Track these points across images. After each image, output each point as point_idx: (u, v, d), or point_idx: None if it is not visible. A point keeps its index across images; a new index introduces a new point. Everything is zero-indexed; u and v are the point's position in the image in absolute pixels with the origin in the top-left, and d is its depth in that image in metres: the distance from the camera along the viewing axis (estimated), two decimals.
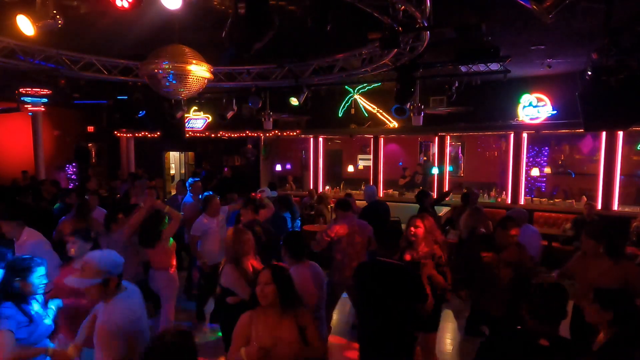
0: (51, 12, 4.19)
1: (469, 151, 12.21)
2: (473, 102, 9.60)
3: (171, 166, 16.06)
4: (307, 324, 2.66)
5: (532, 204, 9.62)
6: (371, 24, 5.34)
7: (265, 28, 3.67)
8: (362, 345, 3.45)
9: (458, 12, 5.67)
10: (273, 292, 2.59)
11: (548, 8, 3.48)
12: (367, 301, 3.41)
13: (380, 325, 3.29)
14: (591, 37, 6.22)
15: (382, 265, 3.33)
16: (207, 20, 5.89)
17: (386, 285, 3.25)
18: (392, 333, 3.26)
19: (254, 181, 12.72)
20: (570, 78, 8.35)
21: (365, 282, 3.39)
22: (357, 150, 13.42)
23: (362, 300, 3.50)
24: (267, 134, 12.31)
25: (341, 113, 12.32)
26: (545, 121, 9.64)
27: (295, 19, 5.40)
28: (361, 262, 3.92)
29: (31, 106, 10.48)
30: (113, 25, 6.08)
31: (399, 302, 3.24)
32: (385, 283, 3.26)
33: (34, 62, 7.26)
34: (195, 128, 13.61)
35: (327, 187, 12.21)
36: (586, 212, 7.88)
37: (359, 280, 3.48)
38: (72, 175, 14.68)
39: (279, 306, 2.62)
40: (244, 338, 2.61)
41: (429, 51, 6.58)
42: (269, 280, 2.61)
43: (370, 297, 3.35)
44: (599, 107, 4.84)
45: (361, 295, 3.50)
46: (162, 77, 5.02)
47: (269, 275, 2.63)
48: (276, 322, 2.62)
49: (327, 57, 8.04)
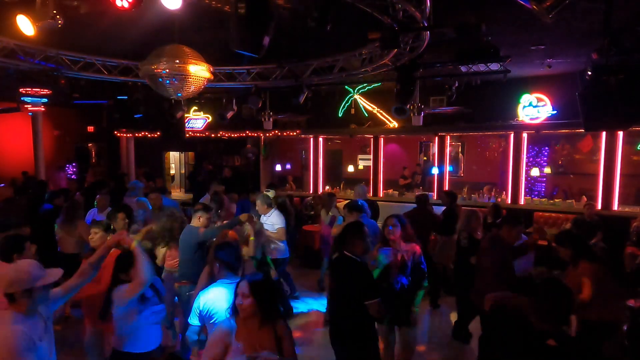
0: (51, 12, 4.19)
1: (469, 151, 12.21)
2: (473, 102, 9.60)
3: (171, 166, 16.06)
4: (283, 336, 2.61)
5: (532, 204, 9.62)
6: (371, 24, 5.34)
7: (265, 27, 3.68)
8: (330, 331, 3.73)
9: (458, 12, 5.67)
10: (251, 305, 2.55)
11: (548, 8, 3.49)
12: (331, 290, 3.81)
13: (338, 315, 3.64)
14: (591, 37, 6.22)
15: (344, 260, 3.59)
16: (207, 20, 5.89)
17: (343, 278, 3.59)
18: (347, 322, 3.52)
19: (254, 181, 12.72)
20: (570, 78, 8.34)
21: (332, 274, 3.81)
22: (357, 150, 13.42)
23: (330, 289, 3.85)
24: (267, 134, 12.30)
25: (341, 113, 12.32)
26: (545, 121, 9.64)
27: (295, 19, 5.40)
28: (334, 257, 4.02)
29: (31, 106, 10.45)
30: (113, 25, 6.07)
31: (351, 294, 3.47)
32: (343, 276, 3.60)
33: (34, 62, 7.27)
34: (195, 128, 13.61)
35: (327, 187, 12.21)
36: (586, 212, 7.86)
37: (330, 272, 3.92)
38: (72, 175, 14.69)
39: (258, 317, 2.58)
40: (223, 345, 2.60)
41: (429, 51, 6.58)
42: (248, 293, 2.56)
43: (332, 287, 3.76)
44: (599, 107, 4.84)
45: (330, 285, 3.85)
46: (162, 77, 5.02)
47: (247, 288, 2.57)
48: (255, 331, 2.58)
49: (327, 57, 8.04)
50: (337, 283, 3.68)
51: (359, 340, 3.49)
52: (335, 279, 3.72)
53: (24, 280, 2.40)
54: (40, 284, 2.43)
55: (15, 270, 2.49)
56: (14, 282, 2.39)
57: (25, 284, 2.39)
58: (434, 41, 6.10)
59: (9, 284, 2.40)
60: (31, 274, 2.43)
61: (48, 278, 2.49)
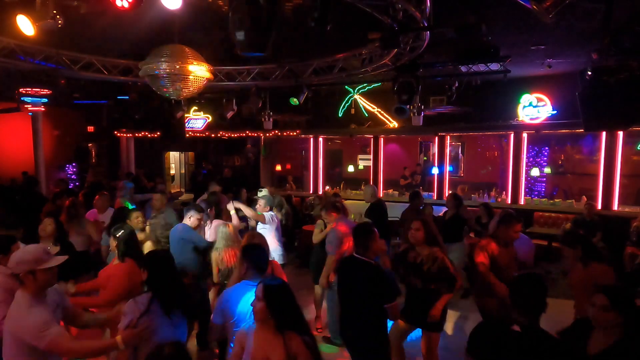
0: (51, 12, 4.19)
1: (469, 151, 12.21)
2: (473, 102, 9.60)
3: (171, 166, 16.06)
4: (298, 353, 2.36)
5: (532, 204, 9.62)
6: (371, 24, 5.34)
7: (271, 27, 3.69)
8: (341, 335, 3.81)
9: (458, 12, 5.66)
10: (262, 310, 2.43)
11: (548, 8, 3.49)
12: (342, 293, 3.71)
13: (351, 318, 3.59)
14: (591, 37, 6.21)
15: (356, 262, 3.56)
16: (207, 20, 5.89)
17: (356, 281, 3.52)
18: (360, 325, 3.51)
19: (254, 181, 12.72)
20: (570, 78, 8.30)
21: (341, 276, 3.75)
22: (357, 150, 13.42)
23: (340, 292, 3.76)
24: (267, 134, 12.30)
25: (341, 113, 12.32)
26: (545, 121, 9.64)
27: (296, 19, 5.40)
28: (342, 258, 4.04)
29: (31, 106, 10.47)
30: (113, 25, 6.07)
31: (366, 297, 3.45)
32: (356, 278, 3.53)
33: (34, 62, 7.26)
34: (195, 128, 13.61)
35: (327, 187, 12.21)
36: (586, 212, 7.88)
37: (338, 274, 3.86)
38: (72, 175, 14.68)
39: (272, 325, 2.44)
40: (239, 346, 2.56)
41: (429, 51, 6.58)
42: (260, 296, 2.46)
43: (343, 290, 3.68)
44: (599, 107, 4.84)
45: (339, 288, 3.77)
46: (162, 77, 5.02)
47: (261, 291, 2.47)
48: (268, 340, 2.43)
49: (327, 57, 8.04)
50: (348, 285, 3.63)
51: (372, 340, 3.50)
52: (345, 281, 3.67)
53: (28, 261, 2.58)
54: (43, 266, 2.59)
55: (22, 252, 2.69)
56: (19, 263, 2.59)
57: (28, 266, 2.57)
58: (434, 41, 6.09)
59: (15, 264, 2.60)
60: (35, 256, 2.61)
61: (51, 261, 2.64)
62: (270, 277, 2.90)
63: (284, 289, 2.55)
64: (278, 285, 2.56)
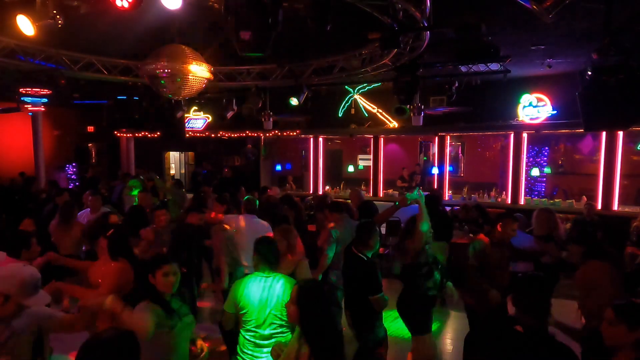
0: (51, 12, 4.19)
1: (469, 151, 12.21)
2: (473, 102, 9.60)
3: (171, 166, 16.06)
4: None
5: (532, 204, 9.61)
6: (371, 24, 5.34)
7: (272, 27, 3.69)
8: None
9: (458, 12, 5.67)
10: (295, 314, 2.23)
11: (548, 8, 3.49)
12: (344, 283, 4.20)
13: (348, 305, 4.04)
14: (591, 37, 6.21)
15: (352, 257, 3.90)
16: (207, 20, 5.89)
17: (350, 274, 3.97)
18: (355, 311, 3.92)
19: (254, 181, 12.72)
20: (570, 78, 8.31)
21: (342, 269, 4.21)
22: (357, 150, 13.42)
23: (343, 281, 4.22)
24: (267, 134, 12.30)
25: (341, 113, 12.32)
26: (545, 121, 9.64)
27: (295, 19, 5.39)
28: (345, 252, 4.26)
29: (31, 106, 10.46)
30: (113, 25, 6.07)
31: (355, 288, 3.86)
32: (350, 272, 3.97)
33: (34, 62, 7.26)
34: (195, 128, 13.60)
35: (327, 187, 12.21)
36: (586, 212, 7.87)
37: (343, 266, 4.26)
38: (72, 175, 14.68)
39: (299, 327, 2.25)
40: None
41: (429, 51, 6.58)
42: (294, 299, 2.27)
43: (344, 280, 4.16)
44: (599, 107, 4.84)
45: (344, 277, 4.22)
46: (162, 77, 5.02)
47: (295, 292, 2.28)
48: (296, 347, 2.22)
49: (327, 57, 8.04)
50: (345, 278, 4.12)
51: (365, 325, 3.87)
52: (344, 274, 4.14)
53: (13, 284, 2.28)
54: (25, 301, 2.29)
55: (14, 270, 2.37)
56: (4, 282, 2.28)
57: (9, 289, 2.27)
58: (434, 41, 6.10)
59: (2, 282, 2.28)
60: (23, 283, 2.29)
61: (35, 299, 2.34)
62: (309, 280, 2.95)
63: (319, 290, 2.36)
64: (314, 287, 2.40)
